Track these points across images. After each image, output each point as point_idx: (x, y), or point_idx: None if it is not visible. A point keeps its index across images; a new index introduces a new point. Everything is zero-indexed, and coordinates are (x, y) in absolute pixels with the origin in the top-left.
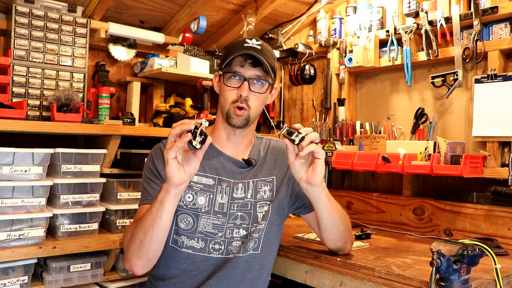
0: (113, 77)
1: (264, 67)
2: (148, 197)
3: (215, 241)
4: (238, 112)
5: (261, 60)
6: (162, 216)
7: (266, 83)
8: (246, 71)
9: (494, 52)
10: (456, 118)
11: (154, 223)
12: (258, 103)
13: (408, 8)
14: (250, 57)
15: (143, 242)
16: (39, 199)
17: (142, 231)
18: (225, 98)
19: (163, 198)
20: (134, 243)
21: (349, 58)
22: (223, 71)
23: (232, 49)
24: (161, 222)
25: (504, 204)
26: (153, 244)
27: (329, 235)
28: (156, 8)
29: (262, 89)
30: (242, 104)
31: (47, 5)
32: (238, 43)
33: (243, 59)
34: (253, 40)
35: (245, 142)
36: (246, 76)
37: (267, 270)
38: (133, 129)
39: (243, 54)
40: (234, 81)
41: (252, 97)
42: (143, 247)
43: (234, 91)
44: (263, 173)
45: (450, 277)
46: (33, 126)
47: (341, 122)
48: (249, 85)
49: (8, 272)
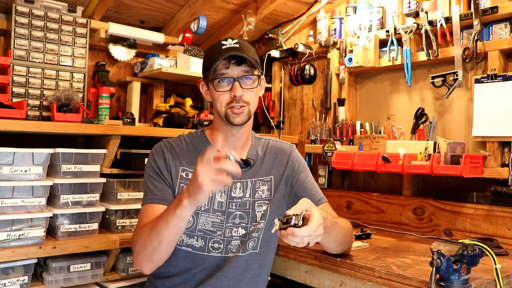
0: (113, 77)
1: (249, 62)
2: (152, 196)
3: (214, 240)
4: (237, 111)
5: (244, 57)
6: (181, 228)
7: (254, 76)
8: (233, 71)
9: (494, 52)
10: (456, 118)
11: (173, 234)
12: (254, 98)
13: (408, 8)
14: (232, 57)
15: (158, 249)
16: (39, 199)
17: (156, 240)
18: (220, 103)
19: (183, 214)
20: (147, 249)
21: (349, 58)
22: (210, 79)
23: (212, 55)
24: (179, 233)
25: (504, 204)
26: (168, 250)
27: (334, 251)
28: (156, 8)
29: (253, 83)
30: (239, 103)
31: (47, 5)
32: (215, 48)
33: (227, 61)
34: (229, 40)
35: (243, 140)
36: (234, 76)
37: (267, 269)
38: (133, 129)
39: (225, 57)
40: (223, 84)
41: (246, 93)
42: (157, 253)
43: (226, 94)
44: (261, 172)
45: (450, 277)
46: (33, 126)
47: (341, 122)
48: (240, 83)
49: (8, 272)
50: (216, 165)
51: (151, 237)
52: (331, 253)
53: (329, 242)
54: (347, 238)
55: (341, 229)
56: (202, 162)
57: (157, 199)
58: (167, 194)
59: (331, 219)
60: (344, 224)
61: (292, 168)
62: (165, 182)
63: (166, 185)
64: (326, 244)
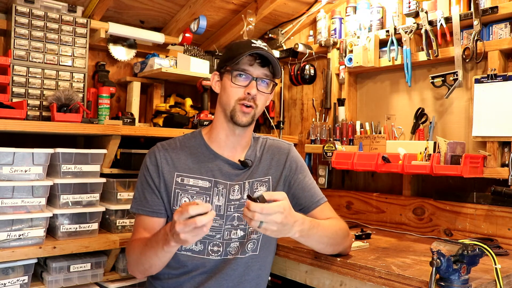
0: (113, 77)
1: (272, 68)
2: (142, 207)
3: (213, 243)
4: (246, 110)
5: (269, 60)
6: (171, 256)
7: (272, 83)
8: (255, 70)
9: (494, 52)
10: (456, 118)
11: (162, 262)
12: (263, 103)
13: (408, 8)
14: (259, 57)
15: (149, 270)
16: (39, 199)
17: (147, 264)
18: (229, 95)
19: (172, 250)
20: (139, 267)
21: (349, 58)
22: (230, 69)
23: (239, 49)
24: (169, 258)
25: (504, 204)
26: (159, 269)
27: (325, 252)
28: (156, 8)
29: (268, 89)
30: (250, 102)
31: (47, 5)
32: (245, 43)
33: (253, 58)
34: (259, 41)
35: (243, 143)
36: (254, 75)
37: (266, 270)
38: (133, 129)
39: (252, 53)
40: (241, 79)
41: (259, 96)
42: (148, 271)
43: (240, 89)
44: (258, 173)
45: (450, 277)
46: (33, 126)
47: (341, 122)
48: (257, 84)
49: (8, 272)
50: (192, 223)
51: (142, 260)
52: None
53: (313, 244)
54: (336, 240)
55: (326, 231)
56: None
57: (148, 211)
58: (157, 205)
59: (310, 222)
60: (331, 226)
61: (290, 168)
62: (156, 193)
63: (156, 196)
64: (310, 246)
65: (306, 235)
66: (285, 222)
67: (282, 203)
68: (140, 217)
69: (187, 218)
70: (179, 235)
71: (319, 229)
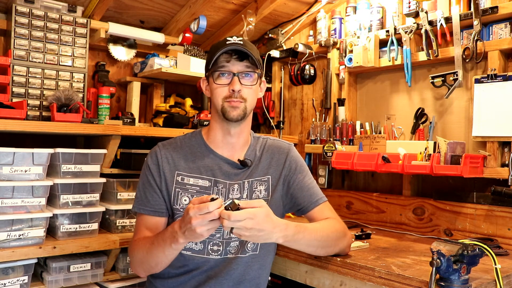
0: (113, 77)
1: (251, 59)
2: (144, 206)
3: (213, 243)
4: (234, 104)
5: (246, 53)
6: (177, 253)
7: (255, 74)
8: (234, 65)
9: (494, 52)
10: (456, 118)
11: (169, 259)
12: (252, 95)
13: (408, 8)
14: (235, 52)
15: (155, 268)
16: (39, 199)
17: (153, 262)
18: (216, 96)
19: (179, 247)
20: (144, 265)
21: (349, 58)
22: (210, 71)
23: (215, 50)
24: (175, 256)
25: (504, 204)
26: (165, 266)
27: (318, 254)
28: (156, 8)
29: (252, 81)
30: (236, 99)
31: (47, 5)
32: (220, 43)
33: (229, 55)
34: (234, 37)
35: (241, 141)
36: (234, 70)
37: (266, 269)
38: (133, 129)
39: (228, 50)
40: (223, 78)
41: (244, 89)
42: (153, 269)
43: (225, 87)
44: (258, 172)
45: (450, 277)
46: (33, 126)
47: (341, 122)
48: (239, 79)
49: (8, 272)
50: (209, 216)
51: (148, 259)
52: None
53: (302, 248)
54: (328, 243)
55: (315, 235)
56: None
57: (150, 210)
58: (159, 204)
59: (296, 227)
60: (323, 229)
61: (289, 168)
62: (157, 192)
63: (158, 195)
64: (300, 250)
65: (291, 240)
66: (258, 228)
67: (253, 210)
68: (142, 217)
69: (206, 213)
70: (195, 230)
71: (305, 234)
